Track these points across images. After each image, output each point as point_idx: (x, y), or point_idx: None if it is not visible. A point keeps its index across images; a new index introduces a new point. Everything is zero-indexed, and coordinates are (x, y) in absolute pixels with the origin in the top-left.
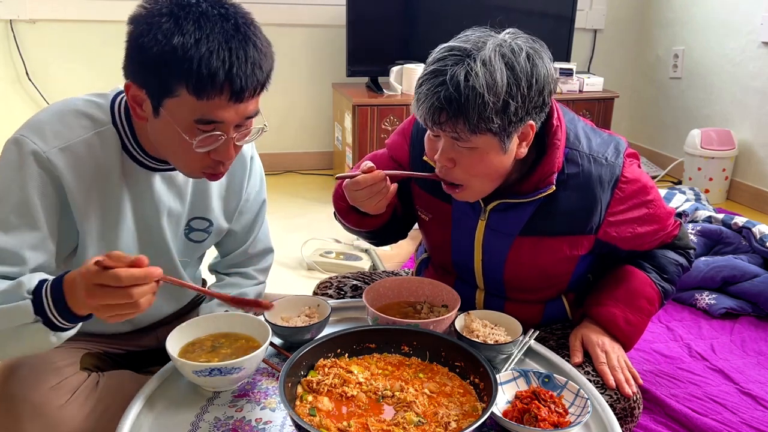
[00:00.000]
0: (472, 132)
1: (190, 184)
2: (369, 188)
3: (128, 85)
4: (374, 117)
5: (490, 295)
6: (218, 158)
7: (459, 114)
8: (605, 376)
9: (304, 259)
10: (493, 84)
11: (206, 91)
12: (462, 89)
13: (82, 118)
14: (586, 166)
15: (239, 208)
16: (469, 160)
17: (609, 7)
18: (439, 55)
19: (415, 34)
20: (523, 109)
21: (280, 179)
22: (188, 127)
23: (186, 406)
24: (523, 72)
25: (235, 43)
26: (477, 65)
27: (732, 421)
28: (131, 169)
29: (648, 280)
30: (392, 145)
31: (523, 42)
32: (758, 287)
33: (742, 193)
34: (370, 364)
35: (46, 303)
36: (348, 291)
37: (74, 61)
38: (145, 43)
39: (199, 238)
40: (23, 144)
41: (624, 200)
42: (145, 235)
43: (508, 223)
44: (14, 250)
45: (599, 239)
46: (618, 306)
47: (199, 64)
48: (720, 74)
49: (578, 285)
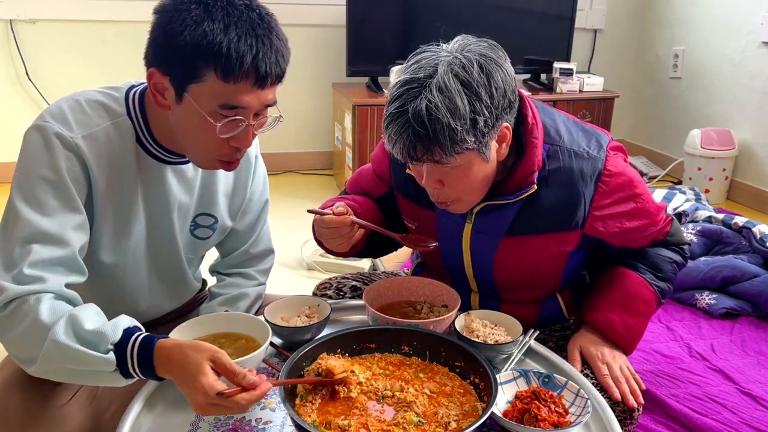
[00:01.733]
0: (449, 155)
1: (198, 178)
2: (334, 230)
3: (151, 73)
4: (374, 117)
5: (484, 297)
6: (237, 145)
7: (432, 145)
8: (610, 389)
9: (304, 259)
10: (455, 108)
11: (233, 75)
12: (427, 123)
13: (99, 108)
14: (567, 162)
15: (243, 206)
16: (454, 178)
17: (609, 7)
18: (397, 92)
19: (415, 34)
20: (492, 117)
21: (280, 179)
22: (212, 113)
23: (186, 406)
24: (481, 85)
25: (261, 30)
26: (434, 94)
27: (732, 421)
28: (145, 160)
29: (643, 282)
30: (374, 158)
31: (473, 53)
32: (758, 287)
33: (742, 193)
34: (371, 363)
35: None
36: (347, 292)
37: (74, 61)
38: (174, 28)
39: (204, 234)
40: (46, 129)
41: (609, 194)
42: (155, 228)
43: (493, 224)
44: (58, 233)
45: (586, 234)
46: (614, 311)
47: (228, 48)
48: (720, 74)
49: (572, 282)
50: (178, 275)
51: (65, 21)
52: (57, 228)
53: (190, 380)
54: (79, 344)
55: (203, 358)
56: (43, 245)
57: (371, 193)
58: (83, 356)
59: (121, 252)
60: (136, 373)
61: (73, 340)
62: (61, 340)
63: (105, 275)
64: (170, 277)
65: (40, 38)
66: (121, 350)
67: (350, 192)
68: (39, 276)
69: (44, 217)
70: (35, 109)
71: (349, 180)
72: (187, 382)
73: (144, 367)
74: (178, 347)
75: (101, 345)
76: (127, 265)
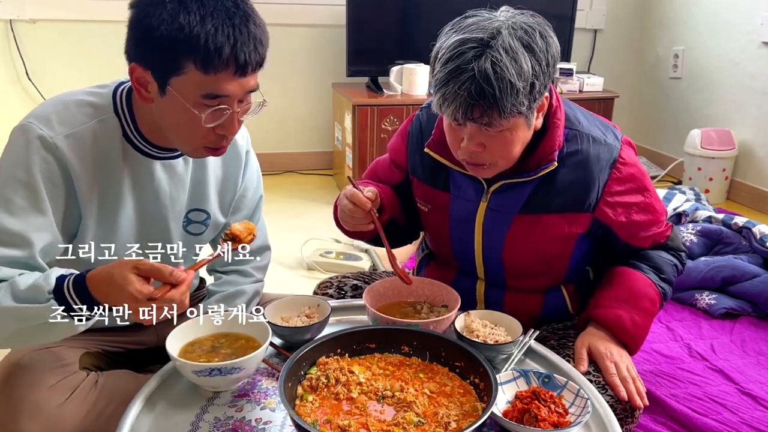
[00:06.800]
0: (504, 117)
1: (189, 174)
2: (353, 208)
3: (133, 68)
4: (374, 117)
5: (490, 285)
6: (223, 132)
7: (493, 106)
8: (617, 388)
9: (304, 259)
10: (520, 69)
11: (213, 66)
12: (493, 81)
13: (85, 106)
14: (585, 146)
15: (234, 201)
16: (498, 141)
17: (609, 7)
18: (453, 52)
19: (415, 34)
20: (544, 85)
21: (280, 179)
22: (196, 103)
23: (186, 406)
24: (542, 51)
25: (238, 19)
26: (501, 54)
27: (732, 421)
28: (132, 156)
29: (648, 281)
30: (392, 147)
31: (528, 20)
32: (758, 287)
33: (742, 193)
34: (371, 364)
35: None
36: (348, 291)
37: (74, 61)
38: (151, 23)
39: (197, 230)
40: (29, 129)
41: (621, 181)
42: (148, 224)
43: (508, 202)
44: (21, 232)
45: (596, 218)
46: (622, 307)
47: (206, 40)
48: (720, 74)
49: (577, 275)
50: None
51: (65, 21)
52: (20, 228)
53: (120, 293)
54: (19, 303)
55: (126, 270)
56: (6, 247)
57: (387, 181)
58: (27, 311)
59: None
60: (81, 310)
61: (13, 301)
62: (3, 305)
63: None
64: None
65: (40, 38)
66: (60, 295)
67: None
68: None
69: (10, 217)
70: None
71: (366, 172)
72: (118, 297)
73: (85, 302)
74: (104, 270)
75: (40, 296)
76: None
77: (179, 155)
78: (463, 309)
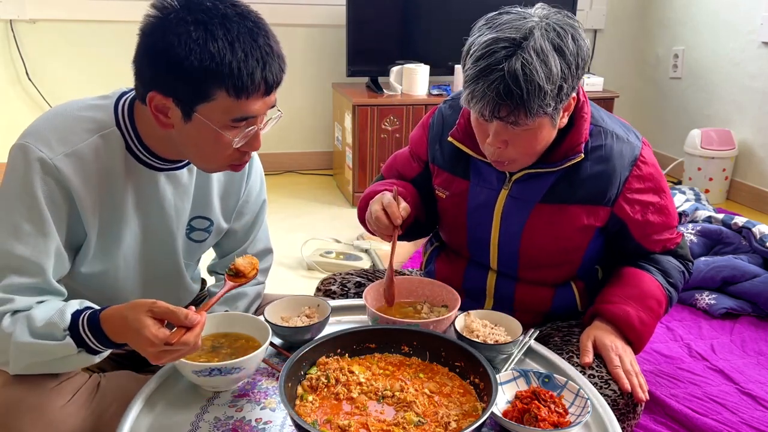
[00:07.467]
0: (530, 117)
1: (193, 182)
2: (378, 221)
3: (152, 96)
4: (374, 117)
5: (502, 276)
6: (248, 149)
7: (520, 106)
8: (621, 380)
9: (304, 259)
10: (549, 73)
11: (246, 92)
12: (522, 83)
13: (85, 121)
14: (609, 141)
15: (238, 207)
16: (522, 140)
17: (609, 7)
18: (485, 49)
19: (415, 34)
20: (571, 86)
21: (280, 179)
22: (224, 126)
23: (186, 406)
24: (572, 54)
25: (261, 39)
26: (531, 56)
27: (732, 421)
28: (136, 169)
29: (656, 283)
30: (413, 139)
31: (563, 22)
32: (758, 287)
33: (742, 193)
34: (371, 364)
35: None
36: (351, 287)
37: (74, 61)
38: (179, 54)
39: (200, 237)
40: (29, 151)
41: (641, 179)
42: (151, 235)
43: (530, 191)
44: (33, 258)
45: (614, 213)
46: (630, 304)
47: (239, 68)
48: (720, 74)
49: (587, 273)
50: (176, 279)
51: (65, 21)
52: (31, 254)
53: (136, 337)
54: (36, 339)
55: (141, 313)
56: (20, 275)
57: (406, 174)
58: (44, 348)
59: (109, 260)
60: (98, 347)
61: (30, 337)
62: (20, 341)
63: (93, 284)
64: (168, 282)
65: (40, 38)
66: (75, 332)
67: (386, 176)
68: (9, 298)
69: (19, 243)
70: (35, 109)
71: (385, 165)
72: (134, 340)
73: (100, 340)
74: (118, 312)
75: (56, 333)
76: (118, 272)
77: (183, 166)
78: (473, 302)
